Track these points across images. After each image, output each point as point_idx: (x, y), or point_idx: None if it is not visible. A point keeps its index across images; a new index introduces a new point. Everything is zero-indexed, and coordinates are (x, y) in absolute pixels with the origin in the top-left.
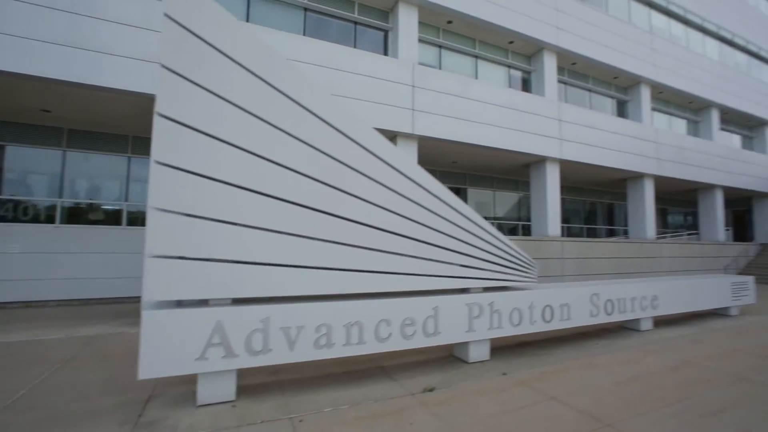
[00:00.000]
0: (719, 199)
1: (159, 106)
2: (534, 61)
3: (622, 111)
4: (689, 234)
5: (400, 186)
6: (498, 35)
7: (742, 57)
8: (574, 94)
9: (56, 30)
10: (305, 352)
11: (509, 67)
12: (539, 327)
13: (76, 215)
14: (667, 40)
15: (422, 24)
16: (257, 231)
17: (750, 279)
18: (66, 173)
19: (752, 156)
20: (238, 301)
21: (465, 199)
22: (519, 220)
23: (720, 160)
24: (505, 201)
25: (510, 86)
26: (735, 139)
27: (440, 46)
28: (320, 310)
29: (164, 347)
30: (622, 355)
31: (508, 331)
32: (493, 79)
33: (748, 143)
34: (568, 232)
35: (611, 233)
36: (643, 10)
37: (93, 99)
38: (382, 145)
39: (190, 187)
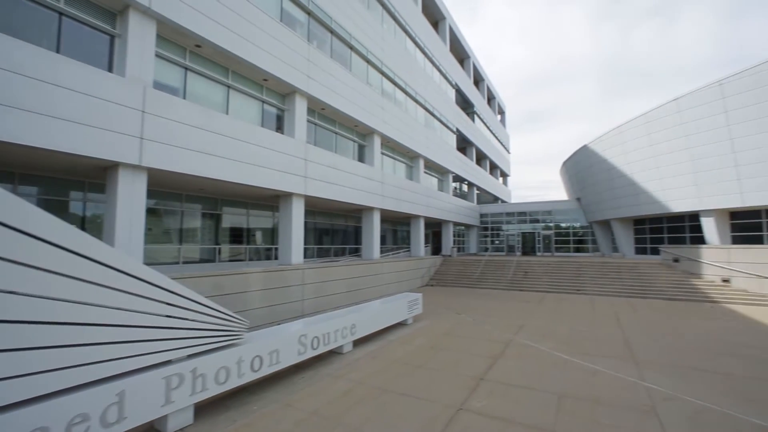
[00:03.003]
0: (422, 225)
1: None
2: (287, 101)
3: (361, 154)
4: (406, 250)
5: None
6: (252, 71)
7: (437, 124)
8: (323, 135)
9: None
10: None
11: (263, 102)
12: (248, 378)
13: None
14: (393, 103)
15: (165, 40)
16: None
17: (419, 296)
18: None
19: (440, 195)
20: None
21: (218, 223)
22: (274, 243)
23: (423, 197)
24: (260, 224)
25: (264, 120)
26: (433, 181)
27: (186, 69)
28: None
29: None
30: (317, 386)
31: (213, 391)
32: (247, 111)
33: (440, 185)
34: (319, 252)
35: (356, 251)
36: (377, 75)
37: None
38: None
39: None
